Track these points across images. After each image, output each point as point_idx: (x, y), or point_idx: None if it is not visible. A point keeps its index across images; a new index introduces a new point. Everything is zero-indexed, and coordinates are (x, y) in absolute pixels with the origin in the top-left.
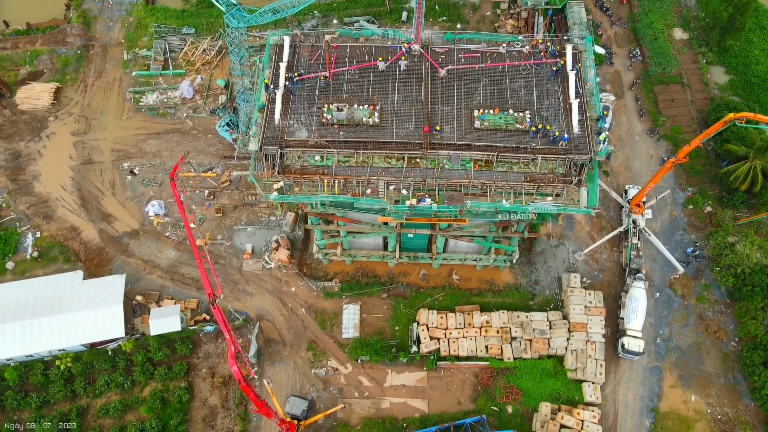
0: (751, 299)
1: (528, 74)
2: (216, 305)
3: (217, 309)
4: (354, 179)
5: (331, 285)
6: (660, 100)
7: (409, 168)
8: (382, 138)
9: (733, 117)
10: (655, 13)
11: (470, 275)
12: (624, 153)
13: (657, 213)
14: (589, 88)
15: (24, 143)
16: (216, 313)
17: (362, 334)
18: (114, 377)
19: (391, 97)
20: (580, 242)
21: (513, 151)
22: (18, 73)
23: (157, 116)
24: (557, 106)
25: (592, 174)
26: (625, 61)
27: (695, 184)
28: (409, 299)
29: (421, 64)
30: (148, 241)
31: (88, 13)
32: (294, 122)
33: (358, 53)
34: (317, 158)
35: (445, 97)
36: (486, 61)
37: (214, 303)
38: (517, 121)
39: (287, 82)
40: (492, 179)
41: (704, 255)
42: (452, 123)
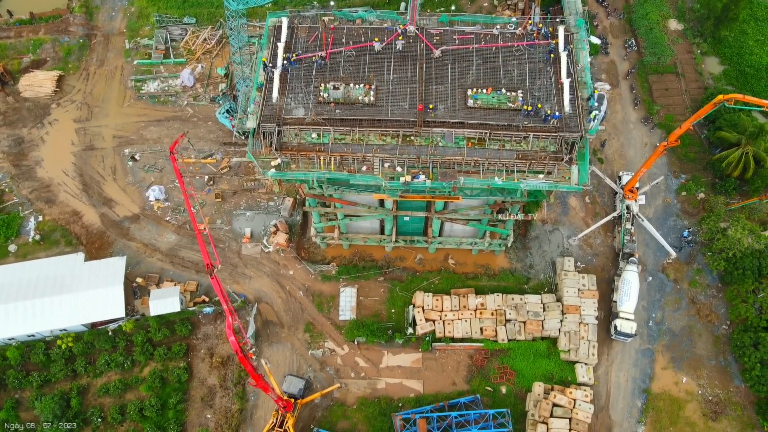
0: (742, 282)
1: (521, 55)
2: (214, 275)
3: (215, 279)
4: (350, 156)
5: (328, 268)
6: (654, 89)
7: (404, 145)
8: (377, 116)
9: (723, 98)
10: (651, 4)
11: (466, 260)
12: (618, 141)
13: (650, 199)
14: (580, 68)
15: (27, 130)
16: (214, 284)
17: (359, 316)
18: (114, 357)
19: (387, 76)
20: (575, 228)
21: (505, 129)
22: (21, 61)
23: (158, 104)
24: (549, 85)
25: (583, 152)
26: (620, 51)
27: (688, 171)
28: (405, 282)
29: (417, 45)
30: (149, 225)
31: (91, 3)
32: (291, 101)
33: (354, 35)
34: (314, 136)
35: (439, 76)
36: (480, 42)
37: (212, 273)
38: (510, 100)
39: (285, 61)
40: (485, 157)
41: (696, 240)
42: (446, 102)
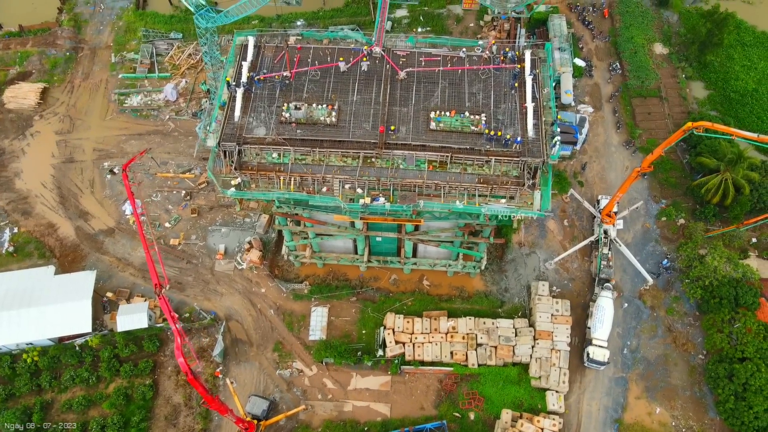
0: (718, 312)
1: (487, 78)
2: (162, 296)
3: (163, 299)
4: (310, 177)
5: (300, 287)
6: (637, 113)
7: (365, 167)
8: (338, 137)
9: (692, 126)
10: (637, 27)
11: (441, 281)
12: (600, 164)
13: (630, 224)
14: (546, 93)
15: (8, 141)
16: (162, 304)
17: (329, 336)
18: (79, 372)
19: (351, 97)
20: (552, 251)
21: (467, 152)
22: (8, 73)
23: (140, 117)
24: (513, 109)
25: (546, 177)
26: (604, 74)
27: (669, 196)
28: (377, 303)
29: (382, 66)
30: (123, 239)
31: (80, 17)
32: (253, 120)
33: (321, 54)
34: (274, 155)
35: (403, 98)
36: (446, 64)
37: (159, 293)
38: (473, 124)
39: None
40: (446, 180)
41: (675, 267)
42: (409, 124)
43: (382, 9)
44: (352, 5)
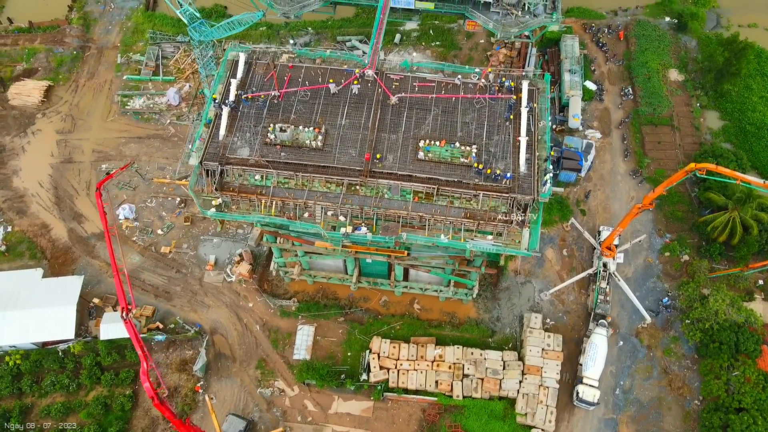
0: (717, 357)
1: (481, 108)
2: (128, 320)
3: (129, 323)
4: (291, 202)
5: (288, 304)
6: (647, 141)
7: (348, 194)
8: (323, 162)
9: (694, 167)
10: (652, 52)
11: (432, 305)
12: (604, 192)
13: (631, 257)
14: (542, 126)
15: (10, 138)
16: (128, 328)
17: (314, 356)
18: (60, 378)
19: (339, 120)
20: (548, 281)
21: (455, 185)
22: (14, 69)
23: (142, 120)
24: (507, 142)
25: (536, 215)
26: (615, 98)
27: (674, 231)
28: (365, 325)
29: (374, 90)
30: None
31: (89, 16)
32: (238, 140)
33: (312, 74)
34: (257, 177)
35: (393, 124)
36: (440, 91)
37: (126, 317)
38: (463, 155)
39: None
40: (431, 212)
41: (676, 306)
42: (396, 152)
43: (377, 30)
44: (361, 16)
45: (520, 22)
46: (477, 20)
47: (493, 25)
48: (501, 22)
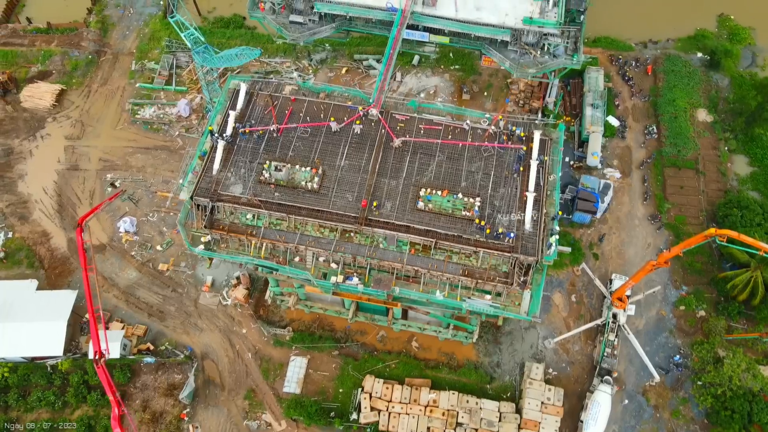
0: (728, 426)
1: (489, 156)
2: (101, 365)
3: (101, 369)
4: (282, 245)
5: (282, 333)
6: (669, 184)
7: (342, 241)
8: (318, 206)
9: (715, 233)
10: (681, 89)
11: (431, 344)
12: (619, 237)
13: (644, 309)
14: (552, 180)
15: (18, 141)
16: (100, 374)
17: (304, 390)
18: (47, 395)
19: (339, 161)
20: (554, 328)
21: (454, 240)
22: (29, 70)
23: (150, 131)
24: (513, 196)
25: (539, 277)
26: (639, 136)
27: (691, 284)
28: (360, 361)
29: (377, 131)
30: (113, 257)
31: (108, 20)
32: (232, 175)
33: (314, 109)
34: (249, 217)
35: (394, 169)
36: (447, 135)
37: (99, 362)
38: (465, 207)
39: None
40: (427, 267)
41: (687, 365)
42: (395, 200)
43: (385, 67)
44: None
45: (539, 63)
46: (493, 58)
47: (510, 64)
48: (518, 62)
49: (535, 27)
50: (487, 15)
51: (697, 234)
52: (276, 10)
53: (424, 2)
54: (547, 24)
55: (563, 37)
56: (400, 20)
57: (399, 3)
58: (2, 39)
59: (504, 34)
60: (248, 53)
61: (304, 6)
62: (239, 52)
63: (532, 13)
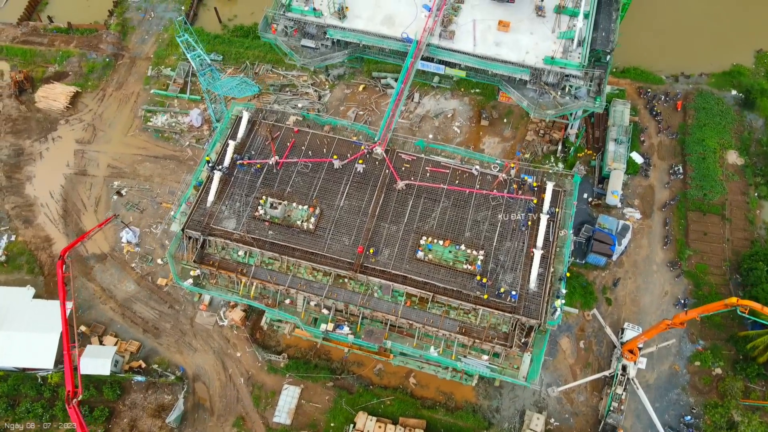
0: None
1: (497, 206)
2: (73, 406)
3: (74, 410)
4: (272, 286)
5: (277, 359)
6: (692, 229)
7: (335, 287)
8: (312, 248)
9: (736, 303)
10: (711, 128)
11: (429, 382)
12: (635, 282)
13: (656, 362)
14: (562, 236)
15: (30, 142)
16: (71, 414)
17: (295, 422)
18: (35, 407)
19: (338, 201)
20: (559, 375)
21: (453, 294)
22: (46, 70)
23: (161, 139)
24: (519, 251)
25: (541, 340)
26: (663, 176)
27: (709, 339)
28: (354, 395)
29: (381, 170)
30: (113, 268)
31: (128, 23)
32: (226, 209)
33: (317, 143)
34: (240, 253)
35: (395, 214)
36: (454, 180)
37: (71, 402)
38: (468, 260)
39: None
40: (423, 321)
41: (699, 426)
42: (394, 247)
43: (394, 104)
44: None
45: (558, 104)
46: (511, 95)
47: (528, 103)
48: (537, 101)
49: (557, 68)
50: (506, 51)
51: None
52: (288, 32)
53: (441, 35)
54: (569, 65)
55: (586, 78)
56: (415, 53)
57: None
58: (22, 37)
59: (523, 73)
60: (246, 89)
61: (316, 31)
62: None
63: (555, 52)
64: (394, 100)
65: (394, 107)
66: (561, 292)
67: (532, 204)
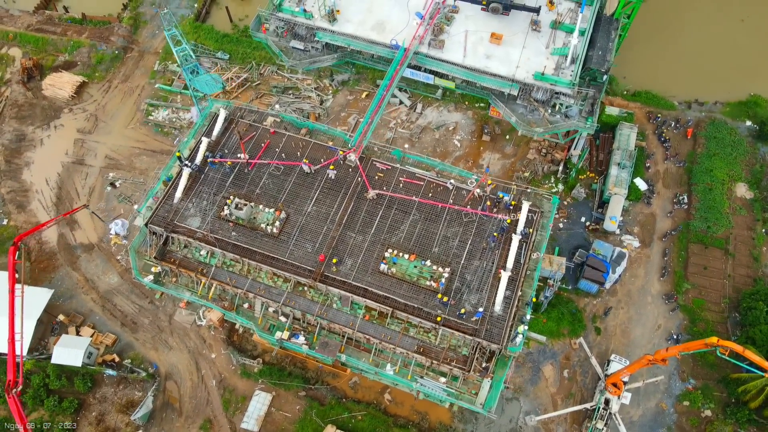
0: None
1: (469, 222)
2: (12, 396)
3: (13, 400)
4: (231, 289)
5: (251, 364)
6: (692, 262)
7: (294, 295)
8: (274, 252)
9: (716, 343)
10: (721, 159)
11: (405, 400)
12: (627, 313)
13: (642, 398)
14: (534, 258)
15: (32, 128)
16: (11, 405)
17: (262, 430)
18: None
19: (306, 206)
20: (539, 403)
21: (413, 311)
22: (56, 59)
23: (160, 134)
24: (488, 271)
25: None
26: (666, 205)
27: (700, 378)
28: (326, 407)
29: (354, 177)
30: (98, 259)
31: (140, 17)
32: (193, 206)
33: (293, 146)
34: (202, 253)
35: (363, 223)
36: (427, 193)
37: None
38: (432, 277)
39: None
40: (380, 336)
41: None
42: (358, 257)
43: (373, 111)
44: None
45: (548, 122)
46: (499, 110)
47: (516, 119)
48: (526, 118)
49: (547, 84)
50: (496, 65)
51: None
52: (279, 33)
53: (430, 44)
54: (559, 82)
55: (578, 97)
56: (401, 60)
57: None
58: (37, 25)
59: (511, 88)
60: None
61: (306, 33)
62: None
63: (546, 68)
64: (374, 107)
65: (372, 114)
66: (526, 318)
67: (505, 224)
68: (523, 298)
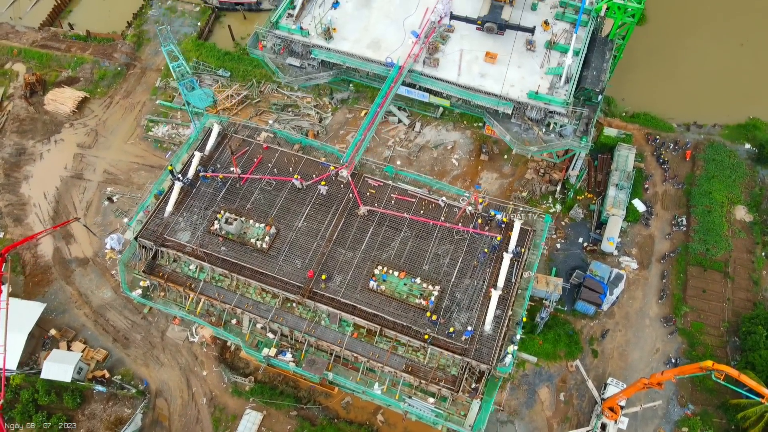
0: None
1: (460, 240)
2: None
3: None
4: (219, 304)
5: (243, 382)
6: (690, 285)
7: (282, 311)
8: (263, 267)
9: (712, 367)
10: (720, 181)
11: (397, 421)
12: (625, 336)
13: (640, 424)
14: (526, 277)
15: (33, 142)
16: None
17: None
18: None
19: (297, 222)
20: (534, 427)
21: (402, 330)
22: (59, 74)
23: (160, 149)
24: (478, 290)
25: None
26: (665, 227)
27: (699, 403)
28: (317, 427)
29: (345, 194)
30: (93, 273)
31: (144, 35)
32: (183, 220)
33: (285, 161)
34: (191, 267)
35: (354, 240)
36: (419, 210)
37: None
38: (422, 294)
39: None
40: (368, 354)
41: None
42: (347, 274)
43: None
44: None
45: (543, 141)
46: (494, 128)
47: (510, 138)
48: (520, 137)
49: (541, 103)
50: (490, 83)
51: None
52: (276, 50)
53: (425, 62)
54: (553, 101)
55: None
56: (395, 77)
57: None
58: (42, 41)
59: (505, 106)
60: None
61: (302, 50)
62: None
63: (540, 87)
64: (367, 123)
65: (365, 131)
66: (515, 338)
67: (496, 242)
68: (513, 317)
